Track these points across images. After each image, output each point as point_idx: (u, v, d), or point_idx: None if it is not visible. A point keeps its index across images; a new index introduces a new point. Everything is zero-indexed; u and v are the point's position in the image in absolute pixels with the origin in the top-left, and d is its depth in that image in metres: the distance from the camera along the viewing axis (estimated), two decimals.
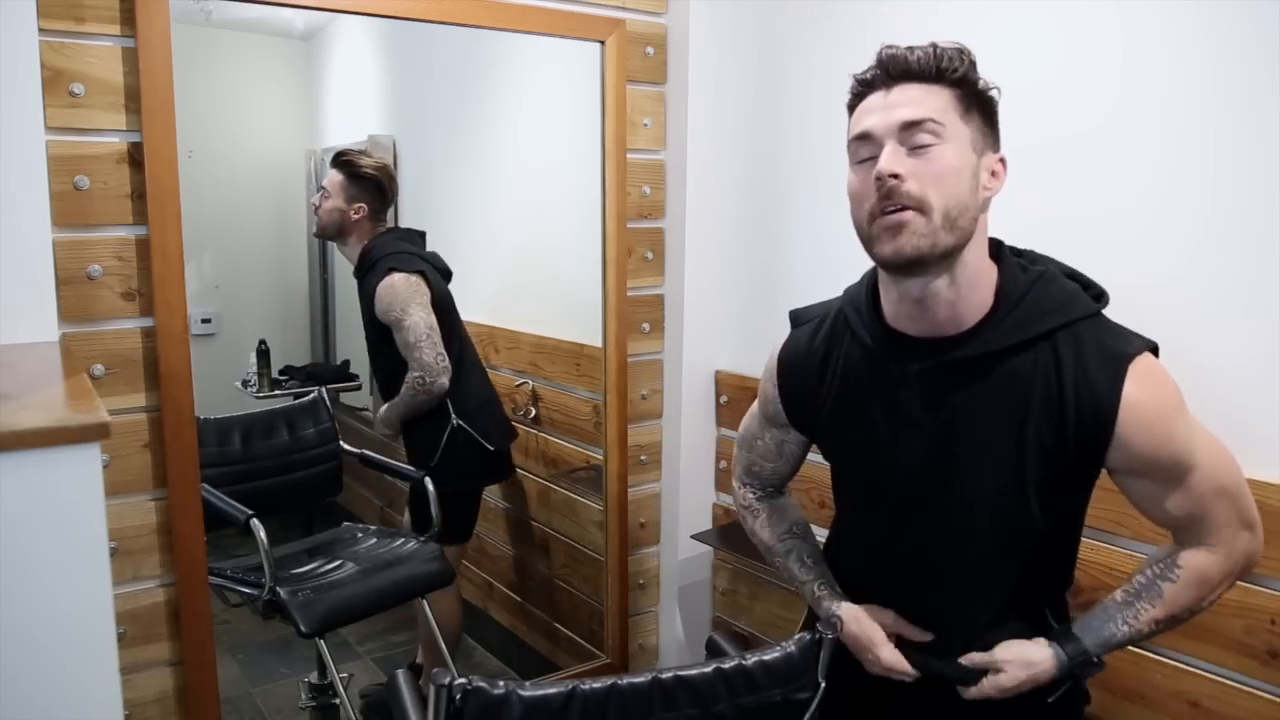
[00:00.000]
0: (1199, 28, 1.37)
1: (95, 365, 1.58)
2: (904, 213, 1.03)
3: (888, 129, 1.05)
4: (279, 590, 1.94)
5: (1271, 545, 1.32)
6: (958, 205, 1.04)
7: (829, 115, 1.93)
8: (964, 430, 1.12)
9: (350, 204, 2.32)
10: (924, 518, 1.18)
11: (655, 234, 2.20)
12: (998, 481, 1.11)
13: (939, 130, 1.04)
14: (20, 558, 0.99)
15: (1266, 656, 1.34)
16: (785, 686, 1.15)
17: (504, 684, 1.07)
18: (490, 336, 2.64)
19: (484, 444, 2.36)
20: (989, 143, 1.09)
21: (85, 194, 1.54)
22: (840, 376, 1.22)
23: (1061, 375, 1.07)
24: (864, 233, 1.09)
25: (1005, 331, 1.09)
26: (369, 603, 2.07)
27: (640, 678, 1.11)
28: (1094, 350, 1.08)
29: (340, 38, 2.74)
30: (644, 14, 2.10)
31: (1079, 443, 1.08)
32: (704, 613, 2.33)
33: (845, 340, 1.22)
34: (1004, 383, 1.09)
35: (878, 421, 1.18)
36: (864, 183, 1.07)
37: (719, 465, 2.26)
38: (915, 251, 1.03)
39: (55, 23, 1.49)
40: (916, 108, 1.04)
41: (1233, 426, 1.35)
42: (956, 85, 1.06)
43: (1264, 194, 1.32)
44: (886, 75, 1.07)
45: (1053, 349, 1.08)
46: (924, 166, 1.03)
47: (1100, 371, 1.06)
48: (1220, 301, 1.37)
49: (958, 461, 1.13)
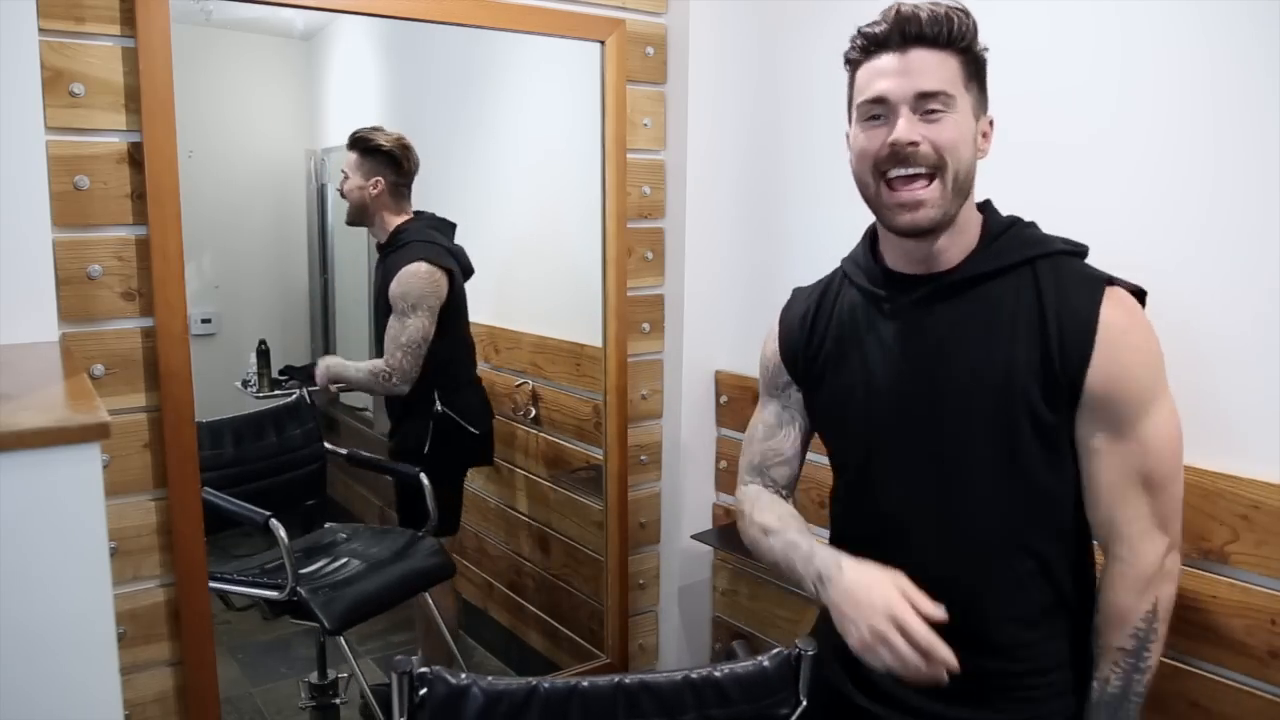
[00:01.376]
0: (1198, 23, 1.37)
1: (95, 365, 1.58)
2: (918, 182, 1.10)
3: (904, 96, 1.10)
4: (300, 590, 1.94)
5: (1271, 545, 1.32)
6: (965, 170, 1.12)
7: (829, 115, 1.93)
8: (953, 351, 1.16)
9: (368, 179, 2.34)
10: (922, 448, 1.18)
11: (655, 234, 2.20)
12: (988, 401, 1.13)
13: (950, 102, 1.10)
14: (20, 558, 0.99)
15: (1266, 656, 1.34)
16: (758, 702, 1.13)
17: (465, 675, 1.07)
18: (490, 336, 2.64)
19: (468, 428, 2.38)
20: (982, 106, 1.16)
21: (85, 194, 1.54)
22: (837, 321, 1.27)
23: (1043, 296, 1.13)
24: (871, 193, 1.15)
25: (987, 258, 1.16)
26: (384, 597, 2.09)
27: (603, 680, 1.11)
28: (1073, 277, 1.14)
29: (340, 38, 2.74)
30: (644, 14, 2.10)
31: (1062, 360, 1.11)
32: (704, 613, 2.32)
33: (843, 290, 1.28)
34: (989, 305, 1.15)
35: (872, 355, 1.22)
36: (874, 142, 1.12)
37: (719, 465, 2.26)
38: (930, 223, 1.12)
39: (55, 23, 1.49)
40: (931, 78, 1.09)
41: (1233, 425, 1.36)
42: (963, 52, 1.11)
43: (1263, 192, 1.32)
44: (901, 37, 1.10)
45: (1033, 274, 1.14)
46: (936, 132, 1.10)
47: (1079, 292, 1.12)
48: (1219, 301, 1.37)
49: (949, 383, 1.16)
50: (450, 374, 2.37)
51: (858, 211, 1.25)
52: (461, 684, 1.07)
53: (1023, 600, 1.17)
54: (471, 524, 2.83)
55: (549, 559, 2.56)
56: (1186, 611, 1.41)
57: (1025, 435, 1.13)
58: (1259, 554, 1.34)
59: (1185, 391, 1.19)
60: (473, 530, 2.83)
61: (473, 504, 2.82)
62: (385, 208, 2.36)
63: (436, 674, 1.06)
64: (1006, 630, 1.18)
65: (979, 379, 1.14)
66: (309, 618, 1.96)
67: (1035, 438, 1.13)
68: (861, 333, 1.24)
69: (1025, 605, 1.17)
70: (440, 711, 1.06)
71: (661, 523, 2.31)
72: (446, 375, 2.35)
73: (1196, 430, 1.22)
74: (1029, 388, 1.12)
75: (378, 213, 2.37)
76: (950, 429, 1.16)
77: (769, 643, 2.15)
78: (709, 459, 2.27)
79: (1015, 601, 1.17)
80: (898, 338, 1.20)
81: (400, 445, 2.43)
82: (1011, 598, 1.17)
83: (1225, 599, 1.38)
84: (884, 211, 1.14)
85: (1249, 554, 1.35)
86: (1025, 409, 1.12)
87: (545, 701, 1.08)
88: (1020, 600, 1.17)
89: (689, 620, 2.32)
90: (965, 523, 1.17)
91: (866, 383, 1.22)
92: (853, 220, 1.32)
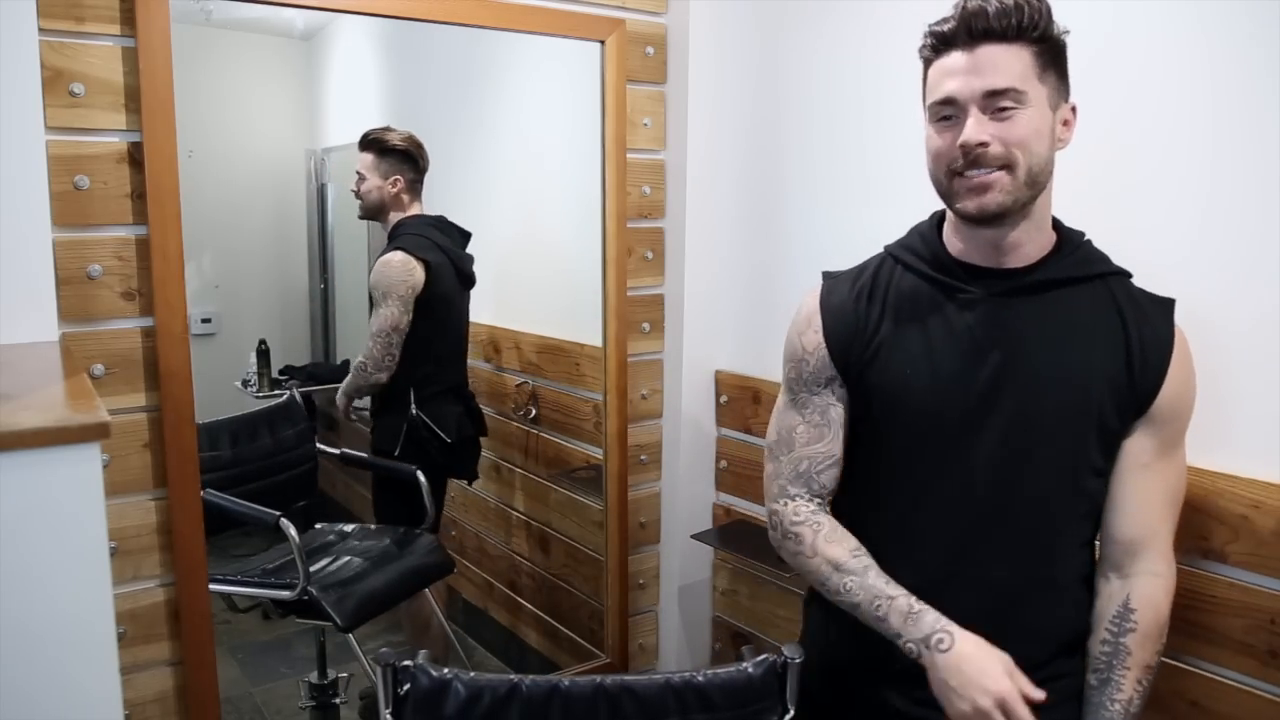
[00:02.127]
0: (1197, 23, 1.37)
1: (95, 365, 1.57)
2: (992, 174, 1.08)
3: (971, 95, 1.08)
4: (310, 589, 1.95)
5: (1271, 545, 1.32)
6: (1040, 164, 1.10)
7: (829, 115, 1.93)
8: (1033, 349, 1.15)
9: (386, 178, 2.38)
10: (984, 442, 1.15)
11: (655, 234, 2.20)
12: (1062, 405, 1.13)
13: (1021, 98, 1.07)
14: (20, 558, 0.99)
15: (1266, 656, 1.34)
16: (741, 709, 1.12)
17: (448, 669, 1.07)
18: (491, 336, 2.64)
19: (441, 435, 2.39)
20: (1062, 94, 1.13)
21: (85, 194, 1.54)
22: (894, 306, 1.21)
23: (1122, 312, 1.15)
24: (943, 188, 1.14)
25: (1069, 265, 1.16)
26: (391, 594, 2.11)
27: (585, 681, 1.10)
28: (1144, 296, 1.17)
29: (340, 38, 2.74)
30: (644, 14, 2.10)
31: (1142, 373, 1.13)
32: (704, 613, 2.32)
33: (895, 276, 1.23)
34: (1069, 312, 1.15)
35: (937, 340, 1.18)
36: (946, 142, 1.11)
37: (719, 465, 2.26)
38: (999, 208, 1.09)
39: (55, 23, 1.49)
40: (1000, 75, 1.07)
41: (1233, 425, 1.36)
42: (1036, 41, 1.08)
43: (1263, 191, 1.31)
44: (968, 34, 1.08)
45: (1108, 289, 1.16)
46: (1007, 130, 1.08)
47: (1156, 312, 1.16)
48: (1219, 301, 1.37)
49: (1022, 380, 1.14)
50: (428, 375, 2.37)
51: (858, 211, 1.26)
52: (444, 678, 1.07)
53: (1061, 602, 1.18)
54: (471, 524, 2.83)
55: (549, 559, 2.56)
56: (1186, 611, 1.41)
57: (1089, 440, 1.14)
58: (1259, 554, 1.34)
59: None
60: (473, 530, 2.83)
61: (473, 504, 2.82)
62: (401, 205, 2.41)
63: (419, 667, 1.07)
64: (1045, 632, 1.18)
65: (1056, 378, 1.13)
66: (318, 617, 1.96)
67: (1097, 444, 1.14)
68: (924, 316, 1.19)
69: (1065, 607, 1.18)
70: (423, 704, 1.07)
71: (661, 523, 2.31)
72: (424, 376, 2.36)
73: (1197, 430, 1.22)
74: (1103, 394, 1.13)
75: (394, 209, 2.41)
76: (1018, 422, 1.14)
77: (770, 643, 2.15)
78: (709, 459, 2.27)
79: (1063, 603, 1.18)
80: (971, 327, 1.16)
81: (376, 443, 2.44)
82: (1059, 599, 1.17)
83: (1225, 599, 1.37)
84: (953, 198, 1.12)
85: (1249, 554, 1.35)
86: (1095, 414, 1.13)
87: (527, 699, 1.08)
88: (1062, 602, 1.18)
89: (689, 620, 2.32)
90: (1014, 520, 1.16)
91: (931, 368, 1.18)
92: (853, 220, 1.32)
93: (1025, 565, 1.16)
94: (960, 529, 1.17)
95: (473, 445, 2.55)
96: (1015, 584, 1.16)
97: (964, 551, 1.17)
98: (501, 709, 1.07)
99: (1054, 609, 1.18)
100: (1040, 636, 1.17)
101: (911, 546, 1.20)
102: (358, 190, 2.41)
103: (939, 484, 1.18)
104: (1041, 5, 1.08)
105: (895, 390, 1.20)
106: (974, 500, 1.17)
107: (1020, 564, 1.16)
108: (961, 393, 1.16)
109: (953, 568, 1.16)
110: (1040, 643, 1.17)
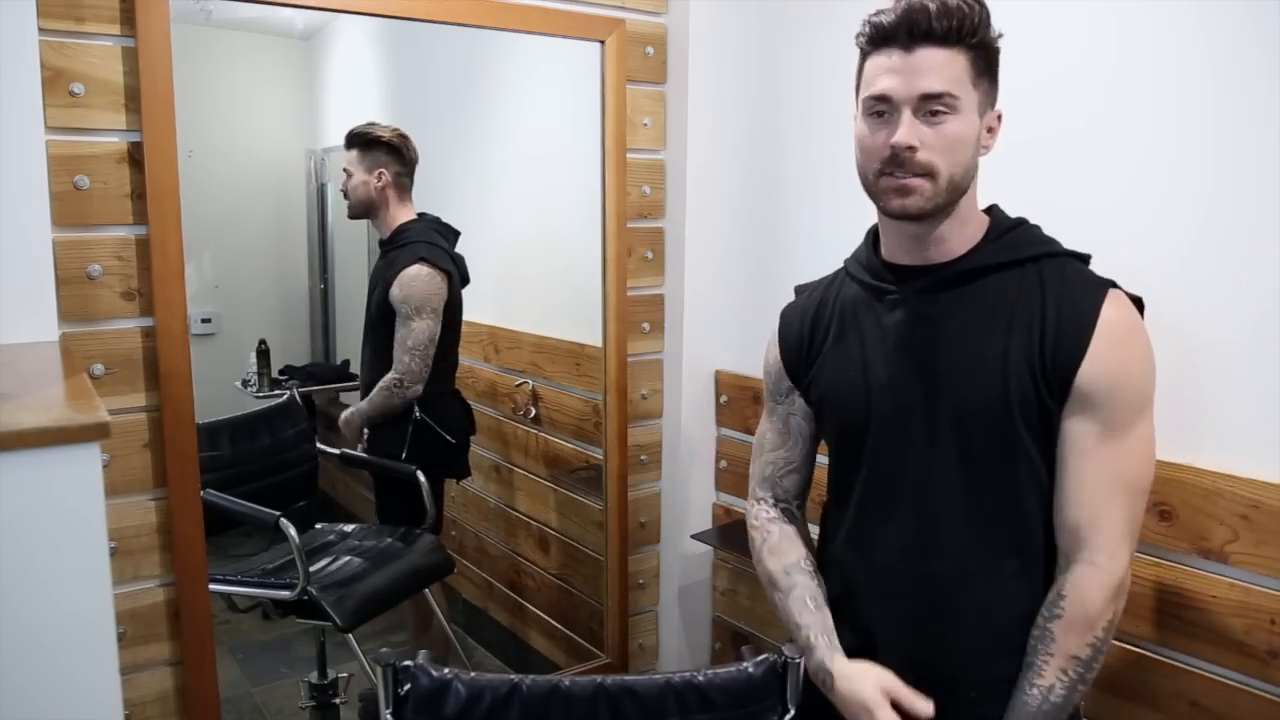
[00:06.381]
0: (1196, 23, 1.37)
1: (95, 365, 1.58)
2: (912, 179, 1.10)
3: (907, 96, 1.09)
4: (310, 589, 1.95)
5: (1271, 545, 1.32)
6: (962, 170, 1.12)
7: (829, 115, 1.93)
8: (949, 342, 1.16)
9: (371, 172, 2.35)
10: (914, 440, 1.18)
11: (655, 234, 2.20)
12: (982, 393, 1.14)
13: (954, 103, 1.09)
14: (20, 558, 0.99)
15: (1266, 656, 1.34)
16: (743, 709, 1.12)
17: (448, 669, 1.07)
18: (490, 336, 2.64)
19: (445, 436, 2.39)
20: (991, 100, 1.15)
21: (85, 194, 1.54)
22: (838, 317, 1.27)
23: (1045, 293, 1.13)
24: (869, 184, 1.15)
25: (992, 252, 1.17)
26: (391, 593, 2.11)
27: (585, 681, 1.10)
28: (1077, 277, 1.15)
29: (340, 38, 2.74)
30: (644, 14, 2.10)
31: (1055, 349, 1.11)
32: (704, 613, 2.32)
33: (844, 286, 1.28)
34: (988, 297, 1.16)
35: (870, 342, 1.22)
36: (878, 141, 1.12)
37: (719, 465, 2.26)
38: (919, 211, 1.12)
39: (55, 23, 1.49)
40: (937, 79, 1.08)
41: (1233, 425, 1.36)
42: (973, 47, 1.10)
43: (1262, 192, 1.31)
44: (908, 33, 1.09)
45: (1038, 272, 1.15)
46: (936, 136, 1.10)
47: (1082, 293, 1.13)
48: (1218, 301, 1.37)
49: (944, 372, 1.16)
50: (433, 378, 2.37)
51: (858, 211, 1.25)
52: (444, 678, 1.07)
53: (1006, 591, 1.16)
54: (471, 524, 2.83)
55: (549, 559, 2.56)
56: (1186, 611, 1.41)
57: (1016, 426, 1.13)
58: (1259, 554, 1.34)
59: (1184, 391, 1.19)
60: (473, 530, 2.83)
61: (473, 504, 2.82)
62: (390, 201, 2.37)
63: (420, 667, 1.06)
64: (986, 623, 1.17)
65: (976, 367, 1.14)
66: (318, 617, 1.96)
67: (1026, 428, 1.13)
68: (860, 322, 1.24)
69: (1014, 598, 1.17)
70: (423, 704, 1.06)
71: (661, 523, 2.31)
72: (429, 380, 2.35)
73: (1197, 430, 1.22)
74: (1022, 376, 1.12)
75: (383, 206, 2.38)
76: (947, 415, 1.16)
77: (770, 643, 2.15)
78: (709, 459, 2.27)
79: (1008, 593, 1.17)
80: (897, 325, 1.19)
81: (377, 449, 2.42)
82: (1002, 588, 1.17)
83: (1225, 599, 1.38)
84: (878, 196, 1.15)
85: (1249, 554, 1.35)
86: (1016, 398, 1.12)
87: (527, 699, 1.08)
88: (1006, 591, 1.17)
89: (689, 620, 2.32)
90: (951, 514, 1.17)
91: (864, 369, 1.22)
92: (853, 220, 1.32)
93: (968, 558, 1.17)
94: (902, 528, 1.20)
95: (468, 443, 2.55)
96: (959, 577, 1.17)
97: (906, 551, 1.20)
98: (502, 709, 1.07)
99: (1002, 599, 1.17)
100: (987, 627, 1.17)
101: (863, 548, 1.25)
102: (345, 188, 2.37)
103: (879, 485, 1.22)
104: (981, 10, 1.09)
105: (834, 398, 1.27)
106: (911, 499, 1.19)
107: (963, 557, 1.17)
108: (890, 393, 1.20)
109: (901, 566, 1.20)
110: (988, 633, 1.17)
